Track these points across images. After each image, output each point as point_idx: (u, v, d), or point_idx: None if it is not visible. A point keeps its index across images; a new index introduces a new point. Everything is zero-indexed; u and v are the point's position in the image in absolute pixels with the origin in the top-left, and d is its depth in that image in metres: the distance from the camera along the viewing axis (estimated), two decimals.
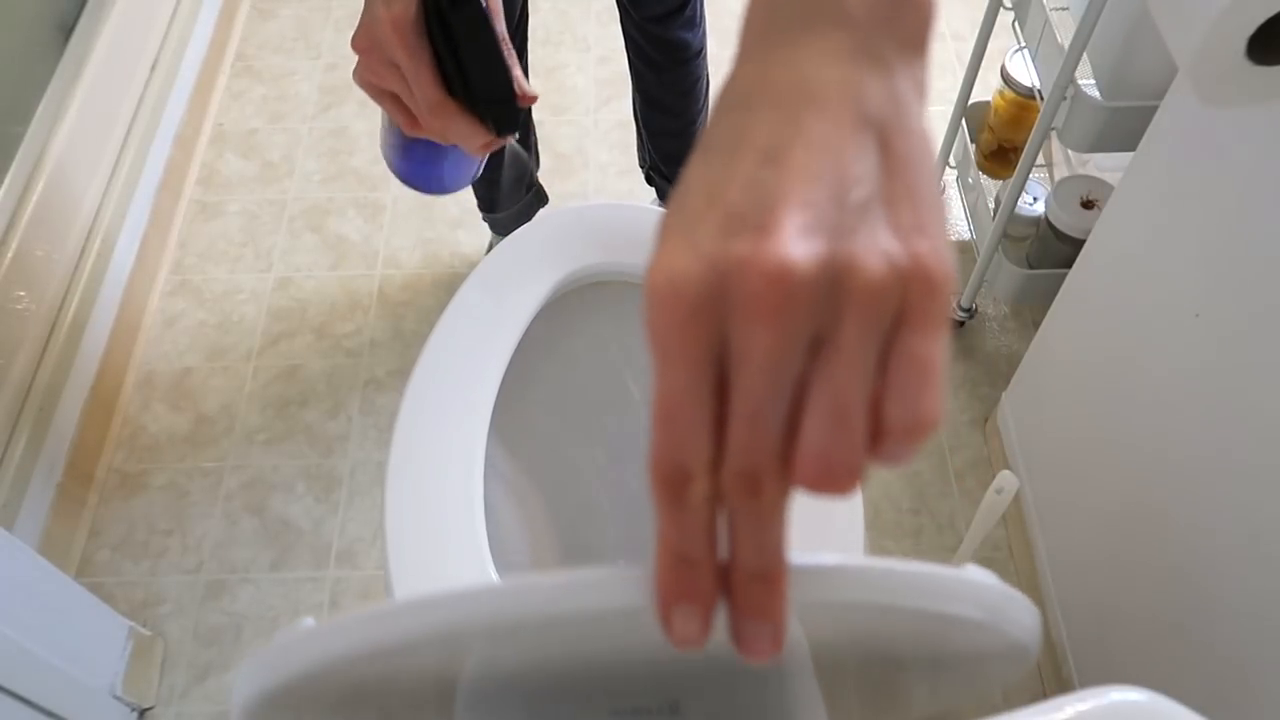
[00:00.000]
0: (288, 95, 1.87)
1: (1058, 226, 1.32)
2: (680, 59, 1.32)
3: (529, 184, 1.54)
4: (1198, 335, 0.90)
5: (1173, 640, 0.98)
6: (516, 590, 0.30)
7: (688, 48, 1.31)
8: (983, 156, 1.51)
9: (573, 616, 0.29)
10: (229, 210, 1.72)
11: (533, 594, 0.30)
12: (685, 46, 1.31)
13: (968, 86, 1.47)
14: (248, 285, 1.63)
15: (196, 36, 1.80)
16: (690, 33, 1.30)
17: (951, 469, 1.44)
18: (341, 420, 1.49)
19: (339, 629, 0.32)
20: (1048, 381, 1.26)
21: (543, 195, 1.58)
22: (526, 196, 1.54)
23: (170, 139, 1.69)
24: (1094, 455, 1.12)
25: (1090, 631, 1.17)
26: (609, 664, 0.36)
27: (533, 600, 0.29)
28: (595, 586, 0.29)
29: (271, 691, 0.33)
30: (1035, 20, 1.21)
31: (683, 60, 1.32)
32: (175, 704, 1.26)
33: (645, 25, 1.27)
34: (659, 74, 1.34)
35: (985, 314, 1.58)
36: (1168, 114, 0.95)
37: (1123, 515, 1.07)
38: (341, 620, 0.33)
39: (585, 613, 0.29)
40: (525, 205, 1.55)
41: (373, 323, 1.59)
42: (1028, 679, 1.27)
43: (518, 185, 1.50)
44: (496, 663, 0.35)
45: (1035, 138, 1.20)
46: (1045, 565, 1.26)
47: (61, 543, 1.34)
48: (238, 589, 1.35)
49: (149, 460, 1.46)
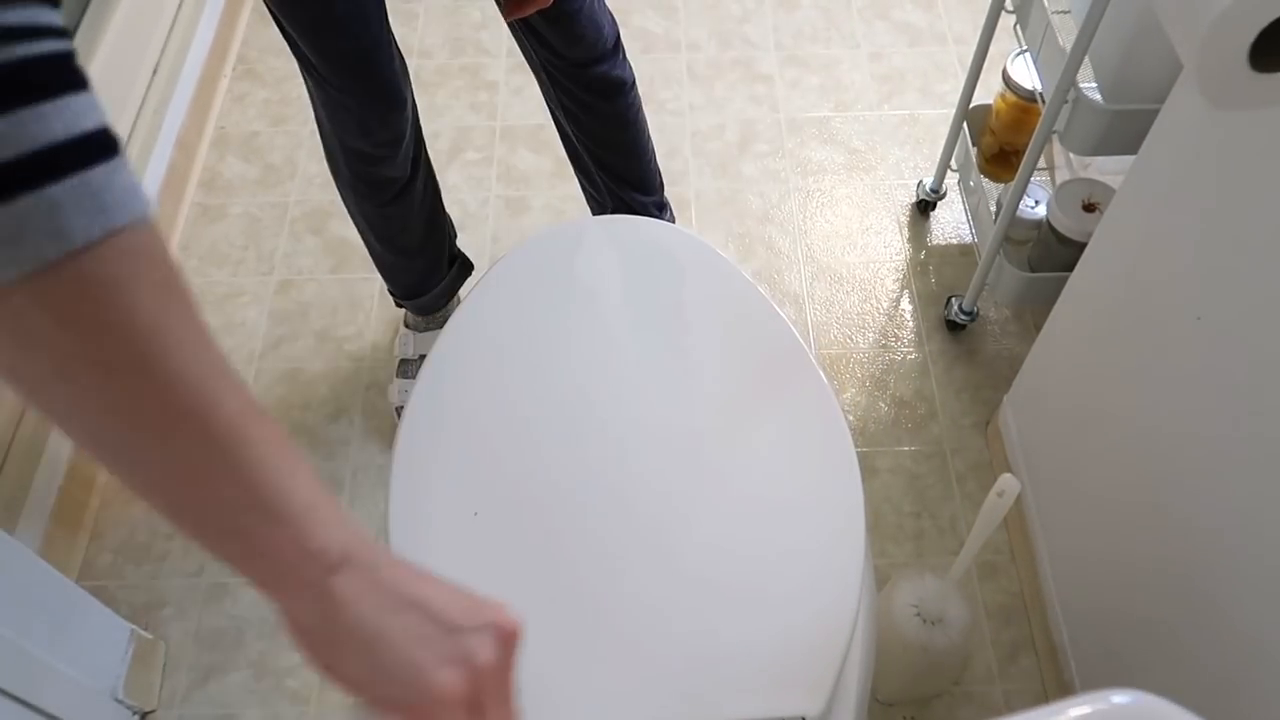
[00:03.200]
0: (289, 98, 1.87)
1: (1059, 229, 1.32)
2: (615, 93, 1.28)
3: (450, 258, 1.44)
4: (1199, 338, 0.90)
5: (1174, 643, 0.98)
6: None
7: (623, 83, 1.27)
8: (984, 160, 1.51)
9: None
10: (231, 213, 1.72)
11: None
12: (620, 83, 1.27)
13: (969, 90, 1.47)
14: (249, 288, 1.63)
15: (198, 40, 1.80)
16: (617, 69, 1.26)
17: (953, 472, 1.44)
18: (343, 424, 1.49)
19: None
20: (1049, 385, 1.26)
21: (467, 264, 1.48)
22: (450, 271, 1.44)
23: (172, 142, 1.69)
24: (1095, 458, 1.12)
25: (1092, 634, 1.16)
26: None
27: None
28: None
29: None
30: (1037, 23, 1.21)
31: (620, 93, 1.28)
32: (177, 707, 1.26)
33: (574, 72, 1.22)
34: (594, 113, 1.29)
35: (987, 317, 1.58)
36: (1169, 117, 0.95)
37: (1124, 518, 1.07)
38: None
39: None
40: (449, 282, 1.44)
41: (374, 326, 1.59)
42: (1029, 682, 1.27)
43: (435, 265, 1.41)
44: None
45: (1037, 141, 1.20)
46: (1047, 568, 1.26)
47: (63, 546, 1.34)
48: (239, 592, 1.35)
49: None
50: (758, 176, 1.76)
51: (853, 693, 0.78)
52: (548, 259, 0.96)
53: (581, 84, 1.25)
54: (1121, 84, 1.11)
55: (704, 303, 0.93)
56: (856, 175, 1.77)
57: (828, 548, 0.79)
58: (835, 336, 1.57)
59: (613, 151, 1.36)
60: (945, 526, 1.39)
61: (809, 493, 0.82)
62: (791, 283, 1.63)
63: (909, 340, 1.57)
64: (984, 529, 1.02)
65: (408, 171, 1.24)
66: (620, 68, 1.26)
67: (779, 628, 0.75)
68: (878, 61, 1.92)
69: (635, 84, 1.30)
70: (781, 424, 0.85)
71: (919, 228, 1.70)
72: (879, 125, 1.83)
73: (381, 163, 1.20)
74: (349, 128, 1.16)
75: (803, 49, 1.94)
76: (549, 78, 1.25)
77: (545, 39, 1.18)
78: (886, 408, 1.50)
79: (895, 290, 1.62)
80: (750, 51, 1.94)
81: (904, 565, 1.36)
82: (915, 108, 1.85)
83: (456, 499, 0.81)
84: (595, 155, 1.36)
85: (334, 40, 1.05)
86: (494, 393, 0.87)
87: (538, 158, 1.78)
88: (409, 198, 1.27)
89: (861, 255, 1.66)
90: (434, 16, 1.99)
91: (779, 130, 1.82)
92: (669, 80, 1.89)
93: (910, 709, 1.25)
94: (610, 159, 1.37)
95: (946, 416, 1.49)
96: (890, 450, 1.46)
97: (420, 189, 1.28)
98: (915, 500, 1.42)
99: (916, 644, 1.13)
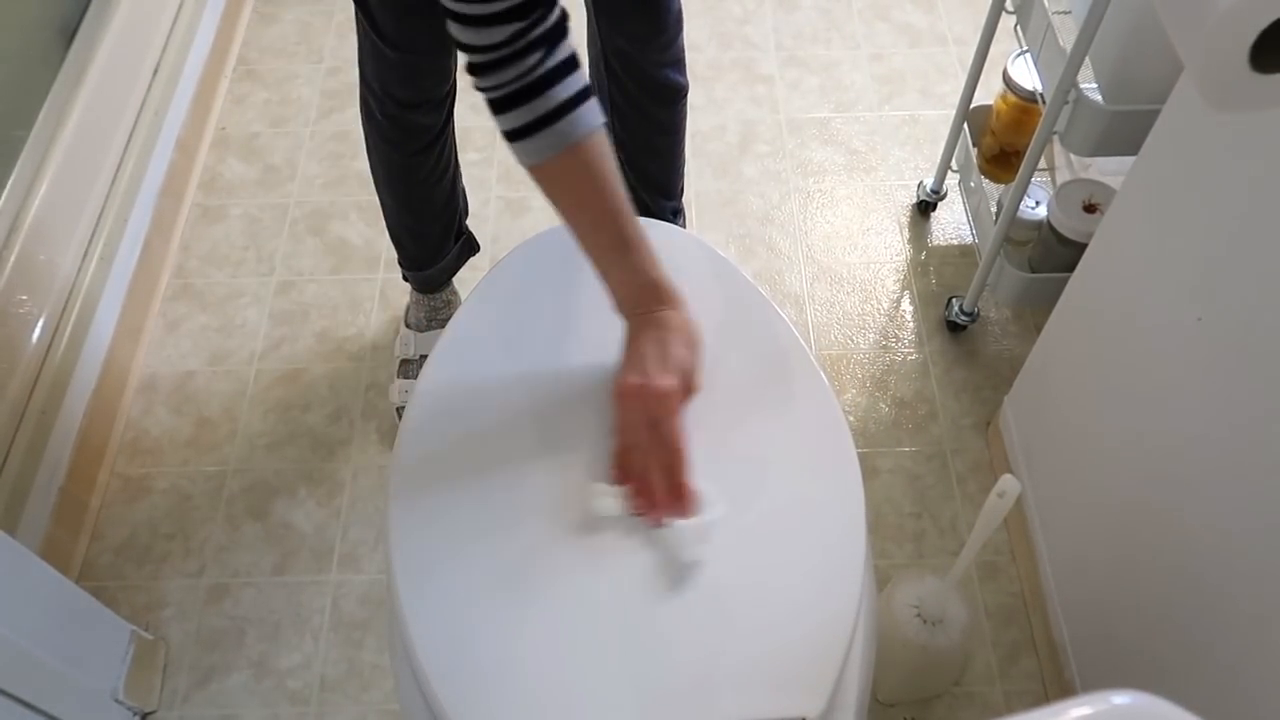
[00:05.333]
0: (290, 99, 1.87)
1: (1060, 230, 1.32)
2: (671, 99, 1.31)
3: (458, 233, 1.45)
4: (1200, 339, 0.90)
5: (1175, 643, 0.98)
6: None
7: (680, 90, 1.30)
8: (985, 160, 1.51)
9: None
10: (231, 214, 1.72)
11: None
12: (679, 89, 1.30)
13: (970, 90, 1.47)
14: (250, 289, 1.63)
15: (199, 40, 1.81)
16: (680, 75, 1.29)
17: (953, 472, 1.44)
18: (344, 424, 1.49)
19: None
20: (1050, 385, 1.26)
21: (473, 243, 1.50)
22: (455, 247, 1.46)
23: (172, 143, 1.69)
24: (1096, 459, 1.12)
25: (1092, 634, 1.16)
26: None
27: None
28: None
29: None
30: (1037, 24, 1.21)
31: (676, 99, 1.31)
32: (177, 708, 1.26)
33: (640, 70, 1.25)
34: (645, 115, 1.32)
35: (987, 318, 1.58)
36: (1170, 117, 0.95)
37: (1125, 518, 1.07)
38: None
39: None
40: (454, 257, 1.47)
41: (374, 326, 1.59)
42: (1030, 682, 1.27)
43: (445, 236, 1.43)
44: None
45: (1037, 141, 1.20)
46: (1047, 568, 1.26)
47: (64, 546, 1.34)
48: (240, 593, 1.35)
49: (151, 464, 1.46)
50: (758, 177, 1.76)
51: (853, 693, 0.78)
52: (548, 260, 0.96)
53: (644, 84, 1.26)
54: (1122, 84, 1.11)
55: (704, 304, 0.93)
56: (857, 176, 1.77)
57: (828, 548, 0.79)
58: (836, 337, 1.57)
59: (652, 156, 1.38)
60: (946, 527, 1.39)
61: (810, 493, 0.82)
62: (792, 283, 1.63)
63: (909, 341, 1.57)
64: (984, 529, 1.02)
65: (439, 120, 1.25)
66: (682, 74, 1.29)
67: (779, 628, 0.75)
68: (878, 62, 1.92)
69: (688, 92, 1.32)
70: (782, 424, 0.85)
71: (919, 228, 1.70)
72: (879, 126, 1.83)
73: (418, 109, 1.21)
74: (392, 73, 1.17)
75: (803, 50, 1.94)
76: (607, 69, 1.26)
77: (625, 25, 1.19)
78: (887, 408, 1.50)
79: (896, 291, 1.62)
80: (751, 52, 1.94)
81: (904, 566, 1.36)
82: (916, 108, 1.85)
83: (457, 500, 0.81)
84: (632, 156, 1.37)
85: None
86: (495, 393, 0.87)
87: None
88: (437, 148, 1.28)
89: (862, 256, 1.66)
90: None
91: (779, 131, 1.82)
92: None
93: (911, 709, 1.25)
94: (646, 162, 1.38)
95: (947, 417, 1.49)
96: (891, 451, 1.46)
97: (446, 144, 1.30)
98: (916, 501, 1.42)
99: (917, 644, 1.13)
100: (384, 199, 1.38)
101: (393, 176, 1.32)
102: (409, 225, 1.40)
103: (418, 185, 1.33)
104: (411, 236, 1.41)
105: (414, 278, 1.48)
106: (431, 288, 1.49)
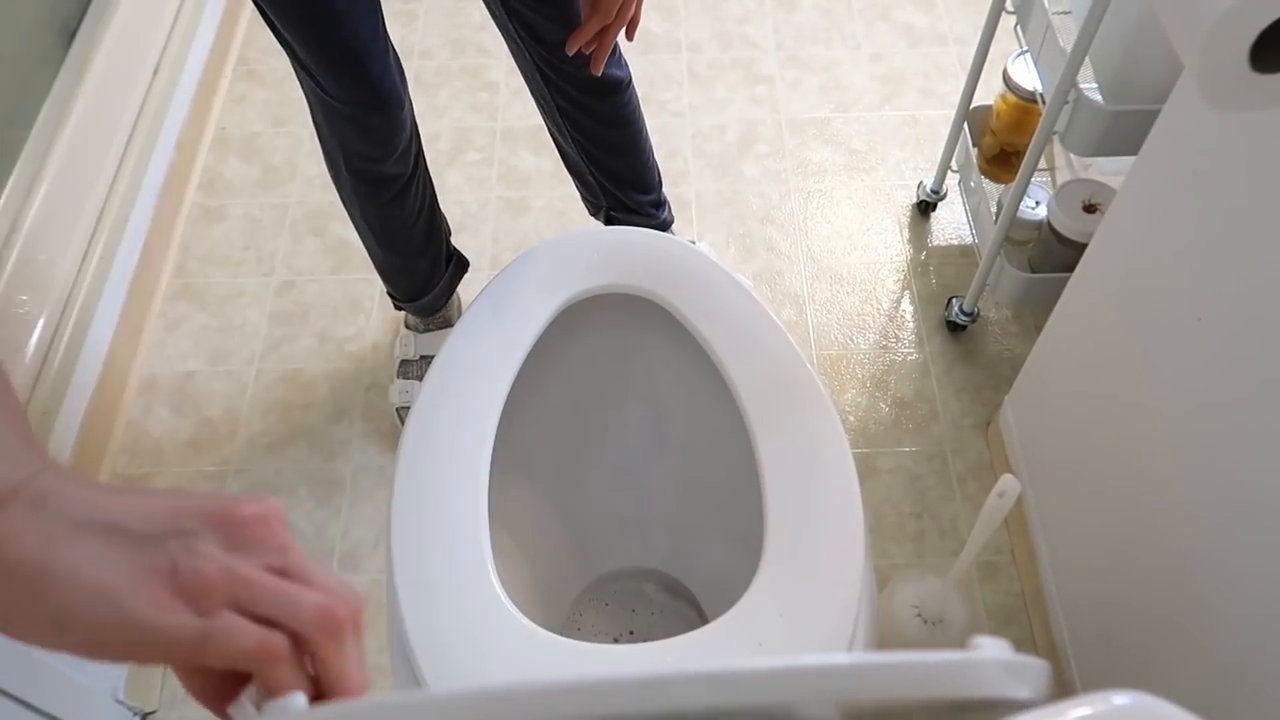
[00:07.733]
0: (290, 99, 1.87)
1: (1060, 230, 1.32)
2: (612, 90, 1.28)
3: (448, 256, 1.43)
4: (1200, 339, 0.90)
5: (1175, 643, 0.98)
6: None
7: (619, 82, 1.27)
8: (985, 160, 1.51)
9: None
10: (231, 214, 1.72)
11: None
12: (616, 81, 1.27)
13: (970, 90, 1.47)
14: (250, 289, 1.63)
15: (199, 41, 1.80)
16: (614, 68, 1.26)
17: (954, 473, 1.44)
18: (344, 424, 1.49)
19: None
20: (1050, 385, 1.26)
21: (463, 262, 1.47)
22: (447, 271, 1.43)
23: (172, 143, 1.69)
24: (1096, 459, 1.12)
25: (1092, 634, 1.16)
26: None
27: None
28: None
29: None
30: (1037, 24, 1.21)
31: (615, 91, 1.28)
32: (177, 708, 1.26)
33: (569, 70, 1.22)
34: (591, 113, 1.29)
35: (987, 318, 1.58)
36: (1170, 117, 0.95)
37: (1125, 518, 1.07)
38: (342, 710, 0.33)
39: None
40: (447, 280, 1.44)
41: (374, 327, 1.59)
42: None
43: (433, 267, 1.41)
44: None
45: (1037, 141, 1.20)
46: (1047, 568, 1.26)
47: None
48: None
49: (151, 464, 1.46)
50: (758, 177, 1.76)
51: None
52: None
53: (577, 83, 1.24)
54: (1122, 84, 1.11)
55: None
56: (857, 176, 1.77)
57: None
58: (836, 337, 1.57)
59: (610, 151, 1.35)
60: (946, 527, 1.39)
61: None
62: (792, 283, 1.63)
63: (909, 341, 1.57)
64: (985, 530, 1.02)
65: (408, 168, 1.24)
66: (615, 65, 1.26)
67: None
68: (878, 62, 1.92)
69: (632, 82, 1.30)
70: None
71: (919, 228, 1.70)
72: (879, 126, 1.83)
73: (382, 161, 1.20)
74: (347, 130, 1.16)
75: (803, 50, 1.94)
76: (543, 78, 1.25)
77: (541, 34, 1.17)
78: (887, 408, 1.50)
79: (896, 291, 1.62)
80: (751, 52, 1.94)
81: (904, 566, 1.35)
82: (916, 108, 1.85)
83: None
84: (593, 156, 1.35)
85: (327, 36, 1.04)
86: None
87: (538, 158, 1.78)
88: (409, 195, 1.27)
89: (862, 256, 1.66)
90: (434, 17, 1.99)
91: (779, 131, 1.82)
92: (669, 81, 1.89)
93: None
94: (608, 159, 1.36)
95: (947, 417, 1.49)
96: (891, 451, 1.46)
97: (419, 186, 1.29)
98: (916, 501, 1.41)
99: (917, 645, 1.13)
100: (365, 243, 1.36)
101: (373, 227, 1.31)
102: (396, 265, 1.38)
103: (397, 230, 1.31)
104: (399, 274, 1.40)
105: (410, 308, 1.46)
106: (429, 313, 1.48)
